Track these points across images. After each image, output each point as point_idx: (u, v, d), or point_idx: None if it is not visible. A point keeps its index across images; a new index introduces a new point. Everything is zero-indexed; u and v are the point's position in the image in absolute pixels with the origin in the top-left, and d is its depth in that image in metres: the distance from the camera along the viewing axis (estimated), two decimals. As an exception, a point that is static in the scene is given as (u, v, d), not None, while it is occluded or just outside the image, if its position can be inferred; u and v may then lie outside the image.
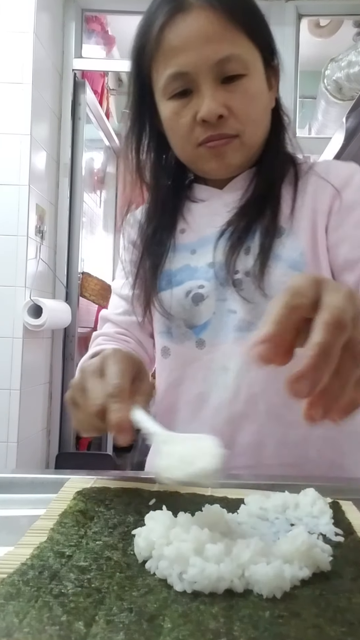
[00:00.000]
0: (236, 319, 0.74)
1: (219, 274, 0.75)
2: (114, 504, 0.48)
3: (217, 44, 0.68)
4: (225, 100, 0.70)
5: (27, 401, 2.04)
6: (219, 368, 0.75)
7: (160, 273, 0.79)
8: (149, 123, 0.79)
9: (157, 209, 0.82)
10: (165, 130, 0.76)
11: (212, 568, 0.34)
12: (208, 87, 0.69)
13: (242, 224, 0.75)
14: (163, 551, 0.36)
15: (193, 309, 0.76)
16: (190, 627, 0.30)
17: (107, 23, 2.94)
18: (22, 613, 0.31)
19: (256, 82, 0.72)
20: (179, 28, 0.69)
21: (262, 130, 0.76)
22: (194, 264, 0.78)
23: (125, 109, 0.81)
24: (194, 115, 0.71)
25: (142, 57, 0.74)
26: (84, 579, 0.35)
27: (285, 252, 0.73)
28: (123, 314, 0.83)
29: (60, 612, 0.31)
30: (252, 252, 0.74)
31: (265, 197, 0.76)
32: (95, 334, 0.85)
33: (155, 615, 0.31)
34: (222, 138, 0.72)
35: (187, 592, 0.34)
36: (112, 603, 0.32)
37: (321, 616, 0.31)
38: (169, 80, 0.71)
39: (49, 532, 0.42)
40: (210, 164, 0.75)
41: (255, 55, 0.72)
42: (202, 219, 0.80)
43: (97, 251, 3.20)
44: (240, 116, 0.71)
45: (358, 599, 0.34)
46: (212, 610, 0.31)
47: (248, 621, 0.30)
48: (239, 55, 0.69)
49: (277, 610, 0.32)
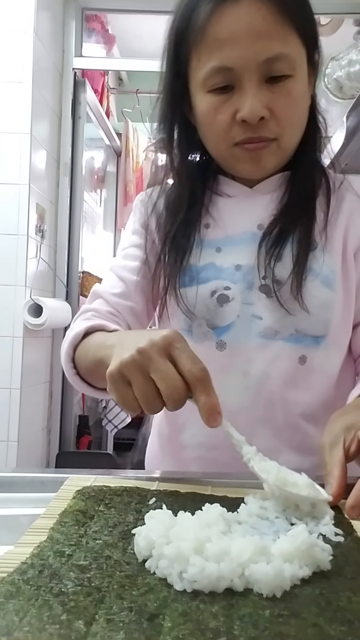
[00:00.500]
0: (261, 325, 0.73)
1: (246, 277, 0.74)
2: (113, 503, 0.48)
3: (267, 41, 0.64)
4: (268, 102, 0.66)
5: (27, 400, 2.04)
6: (238, 372, 0.74)
7: (184, 268, 0.76)
8: (180, 110, 0.75)
9: (183, 200, 0.78)
10: (199, 123, 0.73)
11: (212, 567, 0.34)
12: (252, 86, 0.65)
13: (277, 231, 0.73)
14: (163, 550, 0.36)
15: (217, 309, 0.74)
16: (190, 626, 0.29)
17: (107, 22, 2.94)
18: (22, 612, 0.31)
19: (300, 84, 0.69)
20: (228, 19, 0.64)
21: (300, 133, 0.73)
22: (219, 263, 0.75)
23: (158, 91, 0.76)
24: (234, 113, 0.67)
25: (182, 41, 0.69)
26: (84, 578, 0.35)
27: (318, 266, 0.73)
28: (119, 296, 0.78)
29: (60, 610, 0.31)
30: (284, 261, 0.72)
31: (301, 206, 0.74)
32: (84, 307, 0.79)
33: (155, 614, 0.31)
34: (260, 141, 0.69)
35: (187, 591, 0.34)
36: (112, 602, 0.32)
37: (321, 615, 0.31)
38: (211, 74, 0.67)
39: (49, 531, 0.42)
40: (244, 165, 0.72)
41: (303, 54, 0.69)
42: (230, 216, 0.78)
43: (98, 250, 3.20)
44: (282, 120, 0.67)
45: (358, 597, 0.34)
46: (212, 609, 0.31)
47: (248, 620, 0.30)
48: (287, 55, 0.65)
49: (277, 609, 0.32)
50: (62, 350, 0.70)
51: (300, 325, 0.72)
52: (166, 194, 0.81)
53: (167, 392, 0.51)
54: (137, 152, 3.36)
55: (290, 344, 0.72)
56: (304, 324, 0.72)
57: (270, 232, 0.74)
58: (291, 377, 0.73)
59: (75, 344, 0.68)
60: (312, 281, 0.72)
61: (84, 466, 0.62)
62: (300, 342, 0.72)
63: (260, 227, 0.75)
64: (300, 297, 0.71)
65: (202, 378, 0.51)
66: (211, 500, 0.47)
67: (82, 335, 0.67)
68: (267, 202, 0.76)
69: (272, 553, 0.36)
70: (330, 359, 0.75)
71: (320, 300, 0.72)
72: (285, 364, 0.73)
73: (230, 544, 0.37)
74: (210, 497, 0.50)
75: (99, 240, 3.28)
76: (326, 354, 0.74)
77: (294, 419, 0.73)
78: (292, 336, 0.72)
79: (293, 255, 0.72)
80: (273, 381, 0.73)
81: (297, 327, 0.72)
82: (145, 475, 0.58)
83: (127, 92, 3.44)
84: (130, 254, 0.82)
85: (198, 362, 0.52)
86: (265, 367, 0.73)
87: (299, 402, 0.73)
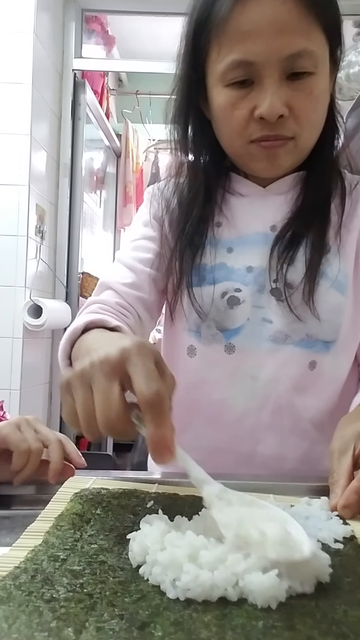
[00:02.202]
0: (272, 329, 0.71)
1: (258, 279, 0.72)
2: (111, 506, 0.47)
3: (291, 36, 0.61)
4: (288, 99, 0.63)
5: (27, 401, 2.04)
6: (246, 376, 0.72)
7: (195, 267, 0.74)
8: (195, 103, 0.72)
9: (198, 196, 0.75)
10: (215, 118, 0.70)
11: (205, 575, 0.33)
12: (273, 83, 0.63)
13: (290, 233, 0.72)
14: (157, 557, 0.36)
15: (227, 311, 0.72)
16: (182, 636, 0.29)
17: (107, 23, 2.94)
18: (11, 618, 0.30)
19: (322, 82, 0.66)
20: (251, 11, 0.61)
21: (318, 133, 0.70)
22: (230, 264, 0.73)
23: (173, 83, 0.73)
24: (252, 110, 0.64)
25: (202, 32, 0.66)
26: (77, 584, 0.34)
27: (330, 270, 0.71)
28: (129, 287, 0.74)
29: (50, 617, 0.30)
30: (297, 265, 0.71)
31: (316, 209, 0.73)
32: (90, 299, 0.73)
33: (146, 622, 0.30)
34: (278, 139, 0.66)
35: (180, 599, 0.33)
36: (104, 609, 0.32)
37: (316, 628, 0.30)
38: (231, 67, 0.64)
39: (45, 535, 0.41)
40: (259, 164, 0.70)
41: (326, 51, 0.66)
42: (242, 216, 0.76)
43: (97, 251, 3.19)
44: (301, 118, 0.65)
45: (355, 611, 0.33)
46: (204, 619, 0.31)
47: (241, 631, 0.30)
48: (311, 51, 0.63)
49: (271, 620, 0.31)
50: (60, 345, 0.66)
51: (311, 330, 0.71)
52: (179, 188, 0.78)
53: (100, 417, 0.43)
54: (136, 153, 3.36)
55: (300, 348, 0.71)
56: (316, 329, 0.71)
57: (284, 235, 0.72)
58: (300, 382, 0.72)
59: (74, 340, 0.64)
60: (325, 286, 0.70)
61: (84, 467, 0.61)
62: (310, 347, 0.71)
63: (273, 229, 0.73)
64: (312, 303, 0.69)
65: (154, 403, 0.42)
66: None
67: (80, 331, 0.63)
68: (280, 202, 0.74)
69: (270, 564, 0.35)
70: (339, 364, 0.74)
71: (332, 305, 0.71)
72: (294, 369, 0.71)
73: (225, 551, 0.36)
74: None
75: (98, 241, 3.28)
76: (335, 359, 0.73)
77: (302, 425, 0.72)
78: (302, 341, 0.71)
79: (306, 259, 0.71)
80: (282, 386, 0.71)
81: (308, 331, 0.71)
82: (145, 477, 0.57)
83: (127, 93, 3.44)
84: (141, 246, 0.78)
85: (153, 382, 0.42)
86: (274, 372, 0.72)
87: (308, 408, 0.72)
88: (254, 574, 0.34)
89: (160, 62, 2.52)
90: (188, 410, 0.75)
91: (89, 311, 0.70)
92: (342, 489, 0.50)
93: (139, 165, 3.38)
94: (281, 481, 0.59)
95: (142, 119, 3.23)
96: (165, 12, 2.41)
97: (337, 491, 0.50)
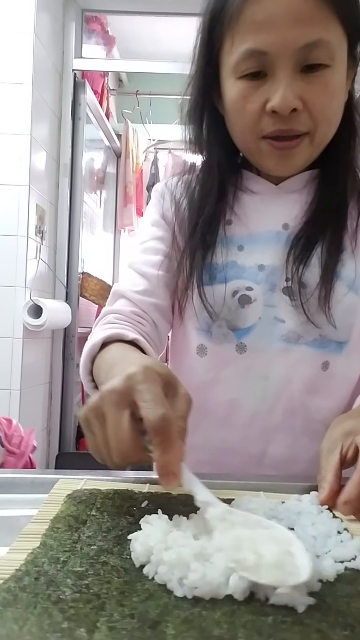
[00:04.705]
0: (284, 329, 0.70)
1: (270, 278, 0.71)
2: (105, 507, 0.47)
3: (307, 26, 0.59)
4: (302, 93, 0.61)
5: (27, 401, 2.04)
6: (258, 376, 0.71)
7: (206, 265, 0.72)
8: (210, 98, 0.70)
9: (211, 193, 0.73)
10: (227, 111, 0.68)
11: (214, 574, 0.34)
12: (286, 74, 0.61)
13: (306, 235, 0.70)
14: (162, 556, 0.36)
15: (239, 310, 0.71)
16: (195, 634, 0.29)
17: (107, 23, 2.94)
18: (21, 620, 0.30)
19: (338, 76, 0.63)
20: (266, 0, 0.60)
21: (334, 129, 0.67)
22: (241, 262, 0.72)
23: (188, 79, 0.72)
24: (264, 103, 0.62)
25: (216, 24, 0.64)
26: (82, 585, 0.35)
27: (345, 271, 0.70)
28: (142, 294, 0.73)
29: (60, 618, 0.30)
30: (312, 266, 0.70)
31: (332, 211, 0.71)
32: (105, 309, 0.73)
33: (157, 621, 0.30)
34: (291, 134, 0.64)
35: (187, 598, 0.33)
36: (113, 609, 0.32)
37: (323, 621, 0.31)
38: (244, 57, 0.62)
39: (42, 537, 0.41)
40: (271, 161, 0.68)
41: (343, 43, 0.63)
42: (254, 214, 0.74)
43: (97, 251, 3.20)
44: (315, 112, 0.63)
45: (356, 603, 0.34)
46: (214, 616, 0.31)
47: (251, 627, 0.30)
48: (327, 42, 0.60)
49: (280, 615, 0.31)
50: (81, 362, 0.66)
51: (325, 331, 0.70)
52: (190, 186, 0.77)
53: (114, 447, 0.45)
54: (136, 153, 3.36)
55: (313, 349, 0.70)
56: (329, 329, 0.70)
57: (300, 237, 0.70)
58: (313, 383, 0.71)
59: (93, 356, 0.64)
60: (340, 287, 0.69)
61: (84, 467, 0.61)
62: (324, 348, 0.70)
63: (285, 227, 0.72)
64: (328, 309, 0.68)
65: (159, 428, 0.42)
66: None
67: (99, 347, 0.63)
68: (293, 200, 0.73)
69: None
70: (351, 365, 0.73)
71: (346, 305, 0.70)
72: (307, 370, 0.71)
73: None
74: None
75: (98, 241, 3.28)
76: (347, 360, 0.72)
77: (314, 426, 0.71)
78: (315, 341, 0.70)
79: (322, 262, 0.69)
80: (294, 387, 0.71)
81: (321, 332, 0.70)
82: (135, 477, 0.57)
83: (127, 93, 3.44)
84: (150, 247, 0.77)
85: (158, 408, 0.42)
86: (286, 372, 0.71)
87: (320, 409, 0.71)
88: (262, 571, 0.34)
89: (160, 62, 2.52)
90: (197, 410, 0.73)
91: (105, 322, 0.69)
92: (330, 484, 0.50)
93: (139, 166, 3.38)
94: (272, 480, 0.59)
95: (142, 119, 3.23)
96: (165, 12, 2.42)
97: (325, 486, 0.50)
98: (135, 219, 3.29)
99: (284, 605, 0.32)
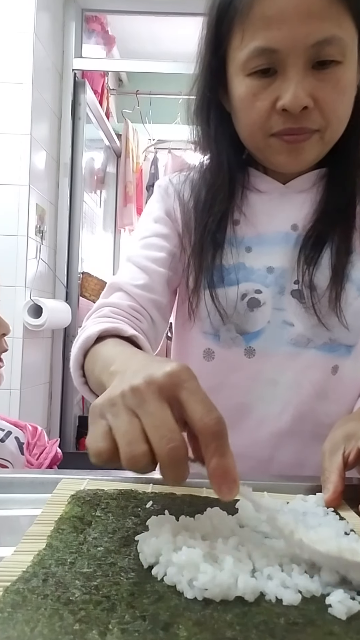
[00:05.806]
0: (293, 333, 0.69)
1: (278, 281, 0.69)
2: (110, 508, 0.47)
3: (318, 22, 0.58)
4: (313, 90, 0.60)
5: (27, 401, 2.04)
6: (267, 380, 0.70)
7: (215, 266, 0.70)
8: (217, 94, 0.69)
9: (220, 192, 0.71)
10: (235, 109, 0.66)
11: (224, 575, 0.34)
12: (297, 72, 0.59)
13: (314, 235, 0.69)
14: (171, 557, 0.36)
15: (247, 314, 0.69)
16: (207, 636, 0.29)
17: (107, 23, 2.94)
18: (32, 622, 0.30)
19: (350, 73, 0.62)
20: None
21: (344, 126, 0.65)
22: (249, 264, 0.70)
23: (194, 73, 0.70)
24: (274, 101, 0.61)
25: (224, 18, 0.62)
26: (91, 586, 0.34)
27: (355, 273, 0.69)
28: (142, 288, 0.70)
29: (71, 620, 0.30)
30: (321, 266, 0.68)
31: (341, 210, 0.70)
32: (101, 302, 0.69)
33: (169, 623, 0.30)
34: (302, 132, 0.63)
35: (197, 599, 0.33)
36: (124, 611, 0.31)
37: (335, 622, 0.31)
38: (253, 55, 0.60)
39: (47, 539, 0.41)
40: (280, 157, 0.66)
41: (355, 41, 0.61)
42: (261, 215, 0.72)
43: (97, 251, 3.19)
44: (326, 110, 0.61)
45: None
46: (226, 618, 0.31)
47: (264, 628, 0.30)
48: (340, 39, 0.59)
49: (292, 616, 0.31)
50: (72, 355, 0.62)
51: (335, 334, 0.69)
52: (197, 184, 0.75)
53: (159, 443, 0.37)
54: (136, 153, 3.36)
55: (323, 353, 0.69)
56: (339, 332, 0.69)
57: (309, 238, 0.69)
58: (322, 387, 0.70)
59: (86, 349, 0.60)
60: (350, 289, 0.68)
61: (84, 467, 0.60)
62: (334, 352, 0.69)
63: (294, 228, 0.71)
64: (339, 311, 0.67)
65: (217, 432, 0.38)
66: (207, 502, 0.47)
67: (94, 340, 0.59)
68: (302, 200, 0.71)
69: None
70: (358, 367, 0.71)
71: (356, 308, 0.68)
72: (317, 374, 0.70)
73: (242, 550, 0.36)
74: (207, 500, 0.50)
75: (98, 241, 3.28)
76: (355, 363, 0.71)
77: (323, 431, 0.68)
78: (325, 345, 0.69)
79: (331, 263, 0.68)
80: (304, 391, 0.70)
81: (331, 335, 0.69)
82: (138, 477, 0.57)
83: (127, 93, 3.44)
84: (153, 244, 0.74)
85: (213, 410, 0.39)
86: (295, 377, 0.70)
87: (329, 414, 0.70)
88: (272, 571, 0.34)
89: (160, 62, 2.52)
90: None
91: (100, 315, 0.66)
92: (334, 484, 0.50)
93: (139, 165, 3.38)
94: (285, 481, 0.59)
95: (142, 119, 3.23)
96: (165, 12, 2.42)
97: (329, 487, 0.50)
98: (135, 218, 3.29)
99: (295, 606, 0.32)
